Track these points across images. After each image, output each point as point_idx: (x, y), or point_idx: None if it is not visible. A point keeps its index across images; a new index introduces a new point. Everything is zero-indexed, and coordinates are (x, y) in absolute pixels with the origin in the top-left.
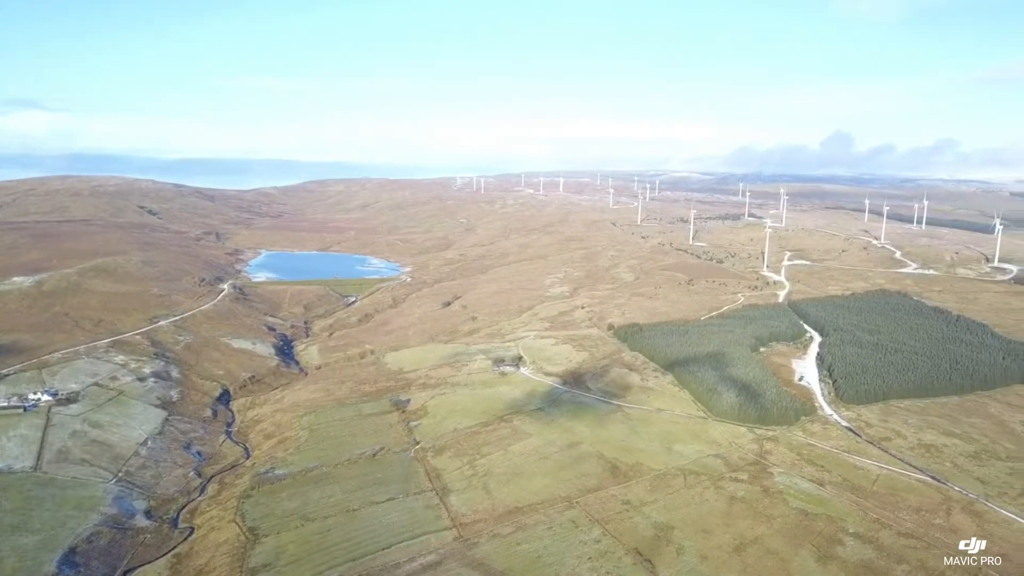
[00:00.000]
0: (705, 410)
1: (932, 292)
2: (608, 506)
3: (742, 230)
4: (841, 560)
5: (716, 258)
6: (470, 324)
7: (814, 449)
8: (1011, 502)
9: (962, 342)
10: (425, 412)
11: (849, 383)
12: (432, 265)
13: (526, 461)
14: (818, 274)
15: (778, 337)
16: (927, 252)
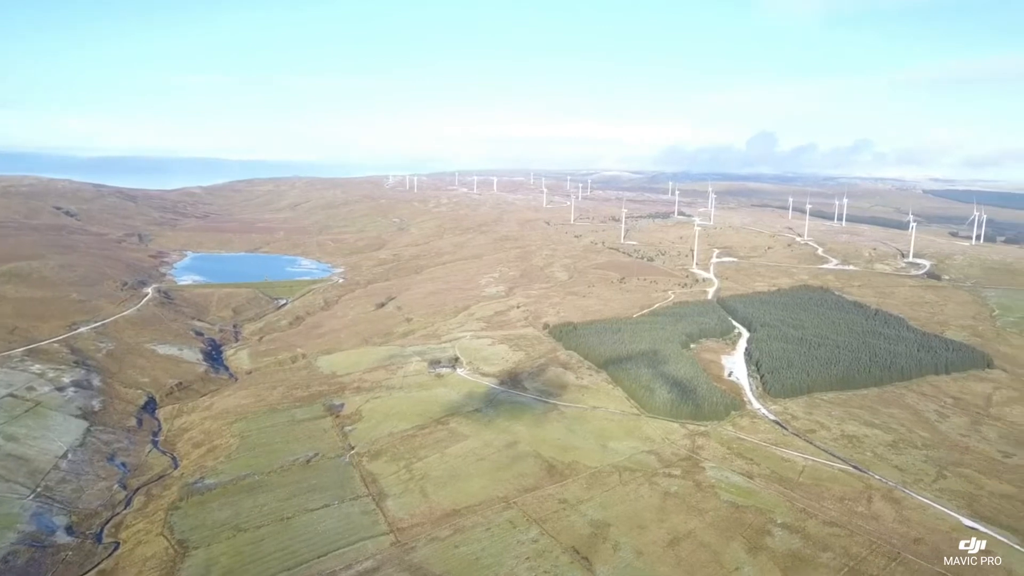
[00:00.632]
0: (639, 407)
1: (852, 287)
2: (545, 505)
3: (672, 228)
4: (770, 550)
5: (647, 256)
6: (405, 325)
7: (743, 443)
8: (926, 488)
9: (880, 335)
10: (360, 416)
11: (776, 377)
12: (365, 265)
13: (463, 463)
14: (745, 271)
15: (708, 333)
16: (847, 249)
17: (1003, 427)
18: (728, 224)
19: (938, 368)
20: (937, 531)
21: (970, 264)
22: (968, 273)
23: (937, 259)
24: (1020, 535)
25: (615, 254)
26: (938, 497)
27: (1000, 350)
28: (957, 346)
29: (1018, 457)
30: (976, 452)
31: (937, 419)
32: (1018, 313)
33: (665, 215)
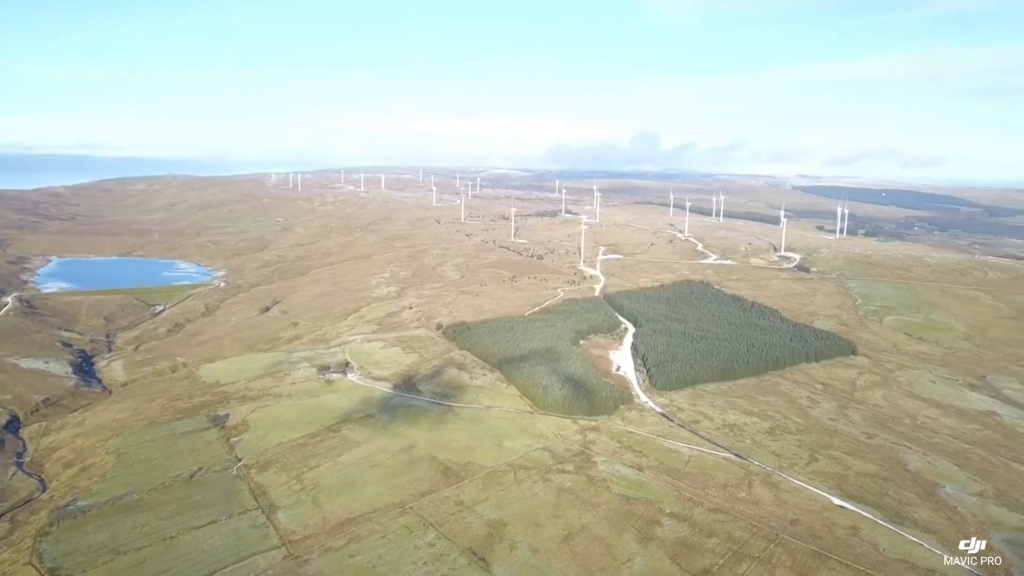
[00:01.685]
0: (532, 405)
1: (730, 281)
2: (442, 508)
3: (560, 226)
4: (660, 540)
5: (537, 254)
6: (292, 330)
7: (632, 436)
8: (801, 472)
9: (757, 327)
10: (247, 427)
11: (661, 371)
12: (248, 268)
13: (357, 470)
14: (630, 267)
15: (596, 329)
16: (725, 244)
17: (866, 410)
18: (613, 222)
19: (809, 356)
20: (811, 511)
21: (835, 257)
22: (833, 265)
23: (806, 252)
24: (883, 511)
25: (506, 252)
26: (811, 479)
27: (863, 337)
28: (825, 335)
29: (880, 438)
30: (843, 435)
31: (809, 405)
32: (877, 302)
33: (553, 213)
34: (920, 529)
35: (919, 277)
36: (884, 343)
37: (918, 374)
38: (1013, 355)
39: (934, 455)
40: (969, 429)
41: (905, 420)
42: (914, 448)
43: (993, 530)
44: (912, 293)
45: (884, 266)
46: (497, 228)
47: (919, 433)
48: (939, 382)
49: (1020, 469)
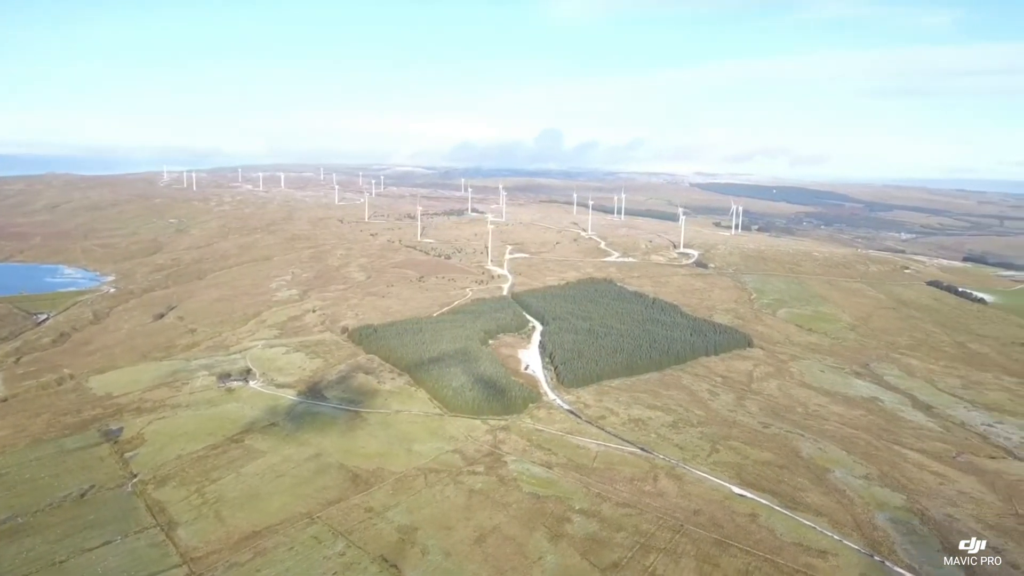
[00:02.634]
0: (442, 407)
1: (632, 278)
2: (351, 516)
3: (466, 225)
4: (570, 536)
5: (444, 254)
6: (189, 337)
7: (542, 434)
8: (703, 463)
9: (659, 322)
10: (142, 440)
11: (568, 368)
12: (140, 272)
13: (262, 481)
14: (536, 266)
15: (505, 329)
16: (627, 242)
17: (762, 400)
18: (519, 220)
19: (708, 350)
20: (713, 501)
21: (731, 253)
22: (730, 261)
23: (704, 249)
24: (779, 497)
25: (413, 252)
26: (713, 470)
27: (758, 330)
28: (723, 329)
29: (775, 427)
30: (742, 425)
31: (709, 397)
32: (771, 296)
33: (459, 212)
34: (813, 513)
35: (808, 271)
36: (778, 335)
37: (809, 364)
38: (892, 343)
39: (824, 441)
40: (855, 415)
41: (798, 409)
42: (806, 436)
43: (878, 510)
44: (802, 287)
45: (776, 261)
46: (403, 227)
47: (810, 421)
48: (828, 371)
49: (901, 451)
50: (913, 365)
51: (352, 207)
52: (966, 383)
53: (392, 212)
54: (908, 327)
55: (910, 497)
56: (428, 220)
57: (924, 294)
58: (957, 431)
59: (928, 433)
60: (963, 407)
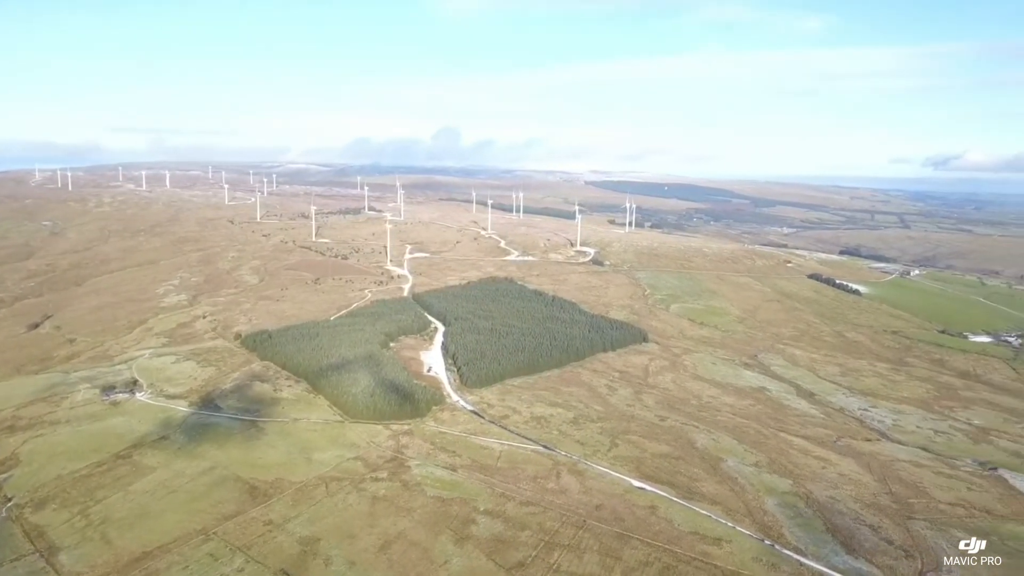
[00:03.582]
0: (343, 414)
1: (532, 276)
2: (249, 530)
3: (364, 224)
4: (476, 538)
5: (341, 254)
6: (68, 347)
7: (445, 436)
8: (603, 458)
9: (558, 320)
10: (17, 461)
11: (471, 369)
12: (11, 280)
13: (152, 499)
14: (437, 266)
15: (406, 331)
16: (526, 240)
17: (658, 394)
18: (419, 219)
19: (606, 346)
20: (614, 495)
21: (625, 250)
22: (624, 258)
23: (600, 247)
24: (676, 488)
25: (308, 253)
26: (613, 464)
27: (653, 325)
28: (620, 325)
29: (671, 419)
30: (640, 419)
31: (608, 393)
32: (664, 291)
33: (356, 211)
34: (708, 502)
35: (699, 267)
36: (671, 330)
37: (701, 357)
38: (778, 335)
39: (717, 432)
40: (745, 405)
41: (692, 401)
42: (700, 427)
43: (767, 496)
44: (693, 282)
45: (669, 257)
46: (297, 227)
47: (704, 412)
48: (719, 363)
49: (787, 439)
50: (797, 355)
51: (243, 207)
52: (844, 370)
53: (285, 211)
54: (792, 319)
55: (796, 482)
56: (323, 219)
57: (805, 287)
58: (837, 416)
59: (811, 419)
60: (842, 393)
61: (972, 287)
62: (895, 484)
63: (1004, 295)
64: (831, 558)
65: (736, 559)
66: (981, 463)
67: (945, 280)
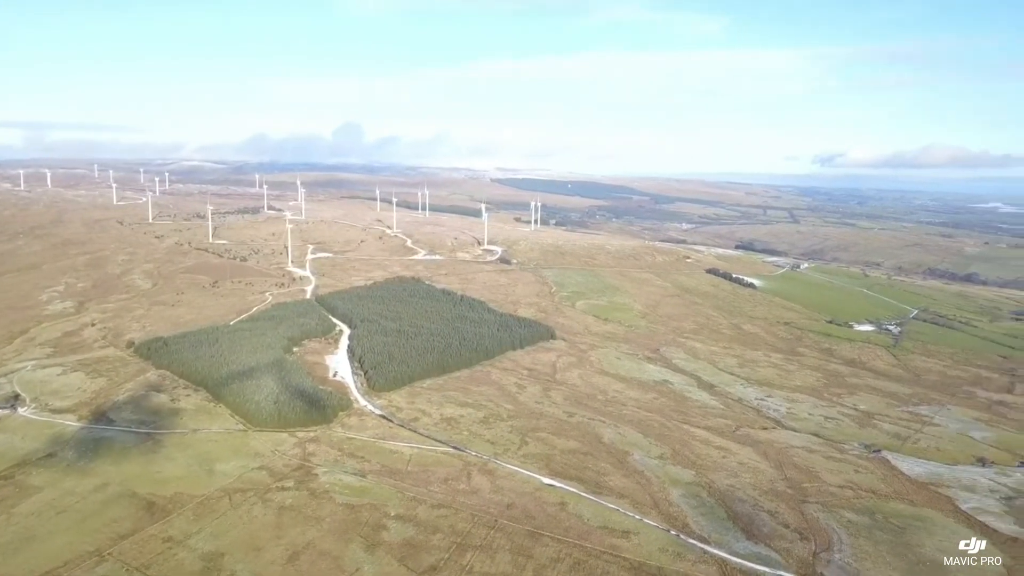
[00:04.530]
0: (245, 422)
1: (439, 276)
2: (148, 548)
3: (263, 224)
4: (387, 544)
5: (240, 256)
6: None
7: (353, 441)
8: (514, 456)
9: (467, 319)
10: None
11: (379, 372)
12: None
13: (39, 520)
14: (341, 266)
15: (310, 334)
16: (432, 239)
17: (566, 390)
18: (321, 218)
19: (515, 344)
20: (525, 494)
21: (532, 248)
22: (531, 256)
23: (507, 245)
24: (584, 484)
25: (204, 255)
26: (523, 463)
27: (559, 322)
28: (528, 322)
29: (579, 415)
30: (549, 416)
31: (517, 391)
32: (570, 288)
33: (255, 210)
34: (616, 496)
35: (603, 264)
36: (577, 326)
37: (606, 352)
38: (678, 328)
39: (623, 426)
40: (649, 398)
41: (598, 396)
42: (607, 422)
43: (672, 487)
44: (598, 278)
45: (574, 255)
46: (192, 228)
47: (610, 407)
48: (623, 358)
49: (690, 430)
50: (697, 348)
51: (133, 207)
52: (742, 361)
53: (180, 211)
54: (691, 313)
55: (699, 472)
56: (221, 220)
57: (704, 281)
58: (736, 407)
59: (712, 410)
60: (740, 384)
61: (856, 279)
62: (790, 470)
63: (884, 286)
64: (733, 544)
65: (644, 551)
66: (867, 446)
67: (831, 272)
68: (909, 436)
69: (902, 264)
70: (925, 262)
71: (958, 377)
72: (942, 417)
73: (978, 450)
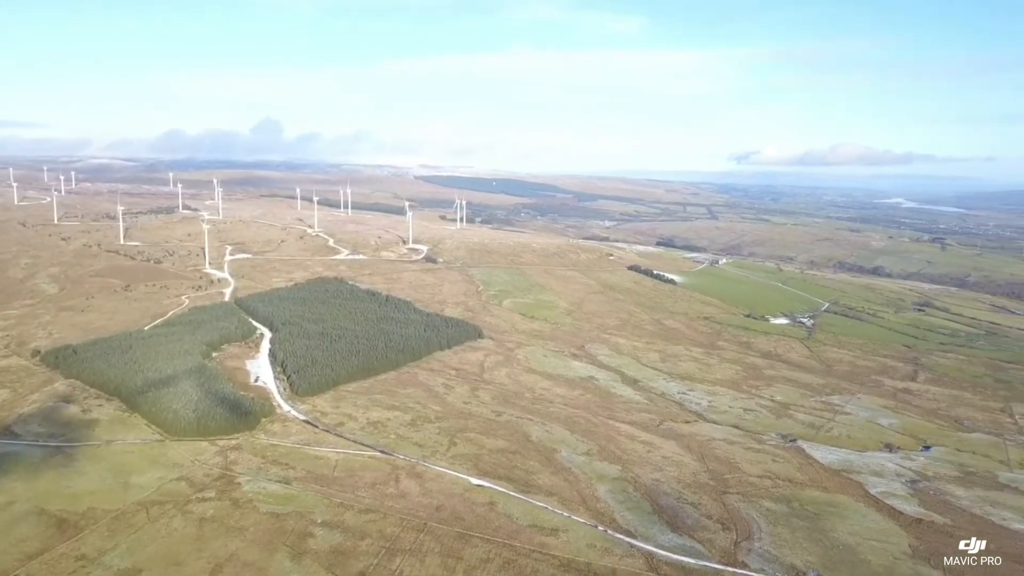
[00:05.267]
0: (162, 432)
1: (364, 276)
2: (59, 567)
3: (179, 224)
4: (314, 552)
5: (154, 258)
6: None
7: (277, 448)
8: (442, 458)
9: (393, 320)
10: None
11: (302, 376)
12: None
13: None
14: (261, 267)
15: (230, 339)
16: (356, 238)
17: (494, 389)
18: (239, 218)
19: (442, 344)
20: (454, 495)
21: (458, 247)
22: (457, 255)
23: (432, 243)
24: (514, 483)
25: (116, 257)
26: (452, 464)
27: (487, 321)
28: (455, 322)
29: (507, 414)
30: (477, 416)
31: (445, 391)
32: (497, 287)
33: (169, 210)
34: (544, 494)
35: (528, 261)
36: (504, 324)
37: (533, 350)
38: (603, 325)
39: (551, 424)
40: (575, 395)
41: (526, 394)
42: (535, 420)
43: (599, 483)
44: (524, 277)
45: (500, 253)
46: (102, 229)
47: (538, 405)
48: (550, 355)
49: (615, 426)
50: (621, 344)
51: (37, 207)
52: (664, 356)
53: (88, 212)
54: (615, 309)
55: (624, 467)
56: (132, 220)
57: (626, 278)
58: (659, 401)
59: (636, 405)
60: (662, 379)
61: (771, 273)
62: (712, 462)
63: (798, 280)
64: (658, 537)
65: (572, 547)
66: (783, 436)
67: (748, 267)
68: (822, 425)
69: (814, 258)
70: (835, 256)
71: (867, 367)
72: (852, 406)
73: (885, 436)
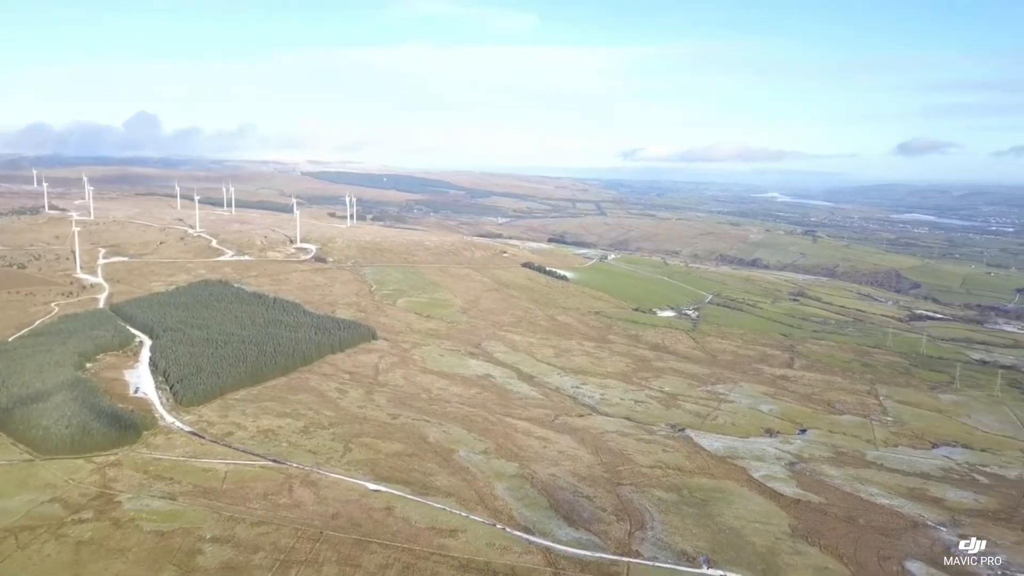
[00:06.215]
0: (32, 451)
1: (250, 278)
2: None
3: (45, 226)
4: (203, 570)
5: (18, 263)
6: None
7: (160, 462)
8: (337, 464)
9: (281, 323)
10: None
11: (186, 385)
12: None
13: None
14: (138, 270)
15: (106, 348)
16: (240, 238)
17: (390, 391)
18: (113, 218)
19: (335, 347)
20: (350, 501)
21: (348, 245)
22: (348, 254)
23: (322, 243)
24: (411, 486)
25: None
26: (348, 470)
27: (381, 321)
28: (347, 324)
29: (403, 416)
30: (372, 420)
31: (338, 396)
32: (390, 286)
33: (34, 210)
34: (443, 495)
35: (422, 260)
36: (399, 325)
37: (429, 350)
38: (498, 322)
39: (448, 424)
40: (472, 393)
41: (423, 395)
42: (432, 420)
43: (496, 481)
44: (418, 275)
45: (393, 251)
46: None
47: (435, 405)
48: (446, 354)
49: (512, 423)
50: (516, 340)
51: None
52: (558, 351)
53: None
54: (510, 306)
55: (522, 464)
56: None
57: (520, 275)
58: (554, 396)
59: (532, 401)
60: (557, 374)
61: (658, 267)
62: (605, 454)
63: (683, 273)
64: (556, 532)
65: (471, 547)
66: (672, 426)
67: (636, 262)
68: (708, 414)
69: (697, 252)
70: (717, 249)
71: (748, 356)
72: (736, 394)
73: (766, 422)
